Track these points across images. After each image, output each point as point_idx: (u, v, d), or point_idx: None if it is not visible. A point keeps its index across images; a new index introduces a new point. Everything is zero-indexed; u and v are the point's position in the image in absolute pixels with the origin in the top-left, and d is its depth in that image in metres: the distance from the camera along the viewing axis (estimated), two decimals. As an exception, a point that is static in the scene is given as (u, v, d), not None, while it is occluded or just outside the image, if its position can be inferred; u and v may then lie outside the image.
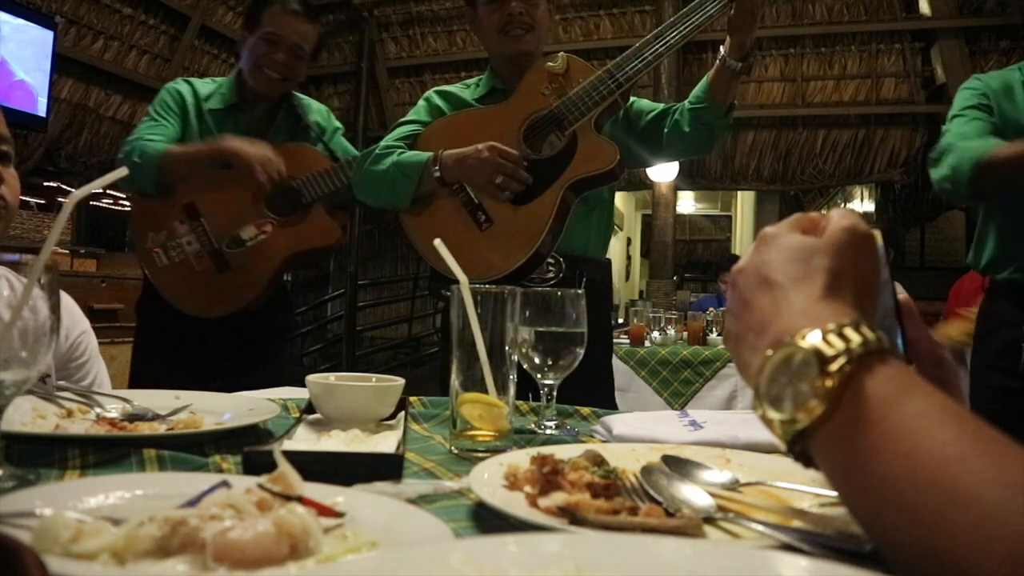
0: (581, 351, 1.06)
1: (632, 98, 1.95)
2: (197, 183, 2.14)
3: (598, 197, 1.89)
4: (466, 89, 2.00)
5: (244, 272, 2.16)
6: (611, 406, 1.83)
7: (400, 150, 1.86)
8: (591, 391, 1.73)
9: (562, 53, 1.86)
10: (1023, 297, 1.86)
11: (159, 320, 2.20)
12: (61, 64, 4.76)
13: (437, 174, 1.78)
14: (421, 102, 2.00)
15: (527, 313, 1.03)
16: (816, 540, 0.50)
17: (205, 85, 2.24)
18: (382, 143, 1.90)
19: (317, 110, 2.36)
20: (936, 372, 0.45)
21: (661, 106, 1.93)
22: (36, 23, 4.40)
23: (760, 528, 0.54)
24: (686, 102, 1.84)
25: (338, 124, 2.40)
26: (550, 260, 1.81)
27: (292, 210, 2.18)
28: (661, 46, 1.74)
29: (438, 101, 1.97)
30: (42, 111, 4.37)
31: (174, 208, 2.16)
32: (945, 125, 1.99)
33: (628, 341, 3.61)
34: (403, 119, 1.99)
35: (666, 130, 1.86)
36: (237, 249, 2.14)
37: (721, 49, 1.72)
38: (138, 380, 2.22)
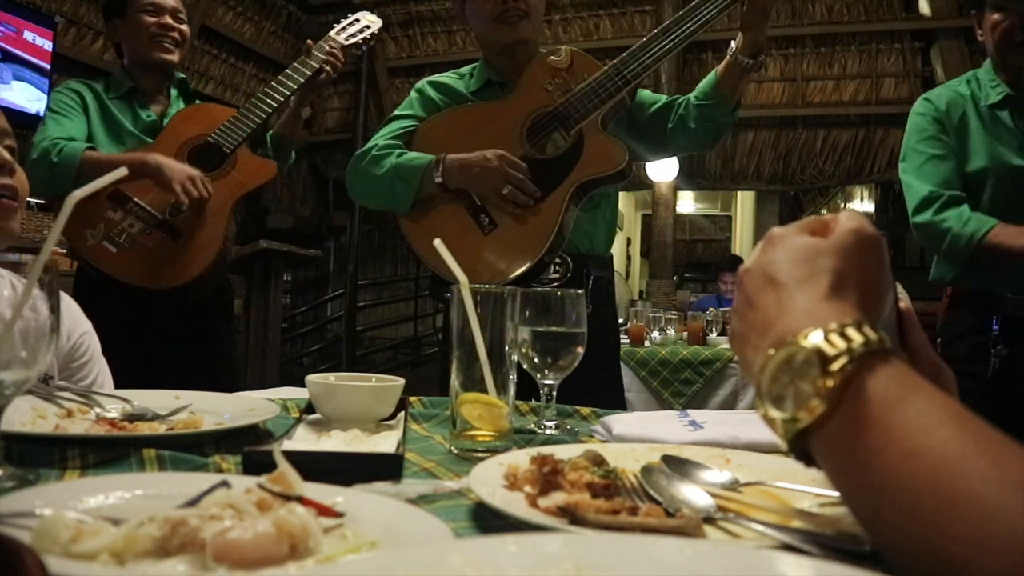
0: (581, 351, 1.06)
1: None
2: None
3: (604, 193, 1.83)
4: (459, 80, 1.91)
5: (198, 232, 2.15)
6: (620, 405, 1.79)
7: (399, 150, 1.78)
8: (599, 390, 1.70)
9: (565, 47, 1.79)
10: (986, 305, 1.89)
11: (99, 310, 2.18)
12: (61, 64, 4.75)
13: (439, 180, 1.70)
14: (413, 94, 1.91)
15: (527, 313, 1.02)
16: (816, 540, 0.50)
17: (98, 82, 2.29)
18: (377, 141, 1.82)
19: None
20: (935, 380, 0.45)
21: (664, 99, 1.87)
22: (36, 23, 4.39)
23: (760, 528, 0.54)
24: (691, 96, 1.79)
25: None
26: (556, 260, 1.74)
27: (219, 163, 2.20)
28: (668, 42, 1.69)
29: (431, 93, 1.88)
30: (42, 111, 4.36)
31: (99, 201, 2.11)
32: (902, 154, 1.99)
33: (628, 341, 3.61)
34: (395, 113, 1.90)
35: (670, 126, 1.81)
36: (180, 215, 2.13)
37: (732, 44, 1.68)
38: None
